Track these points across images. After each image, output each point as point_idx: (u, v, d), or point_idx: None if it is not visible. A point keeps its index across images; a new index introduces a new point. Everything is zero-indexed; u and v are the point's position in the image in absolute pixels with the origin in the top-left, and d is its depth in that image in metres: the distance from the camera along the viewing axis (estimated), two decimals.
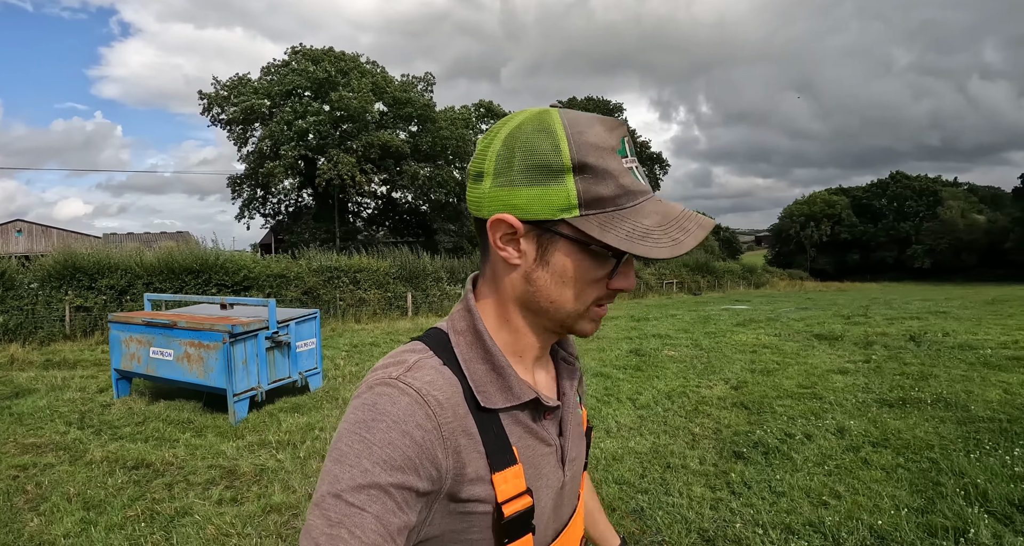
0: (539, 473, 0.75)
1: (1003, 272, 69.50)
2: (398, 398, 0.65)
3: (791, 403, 6.12)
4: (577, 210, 0.67)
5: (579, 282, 0.70)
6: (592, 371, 8.03)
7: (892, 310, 17.03)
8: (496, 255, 0.72)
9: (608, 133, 0.69)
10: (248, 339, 6.36)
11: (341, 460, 0.61)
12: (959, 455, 4.34)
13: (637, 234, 0.66)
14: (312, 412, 6.35)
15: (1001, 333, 10.64)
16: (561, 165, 0.66)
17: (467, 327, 0.74)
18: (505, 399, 0.72)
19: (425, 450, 0.63)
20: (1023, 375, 7.04)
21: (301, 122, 24.28)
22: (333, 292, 16.51)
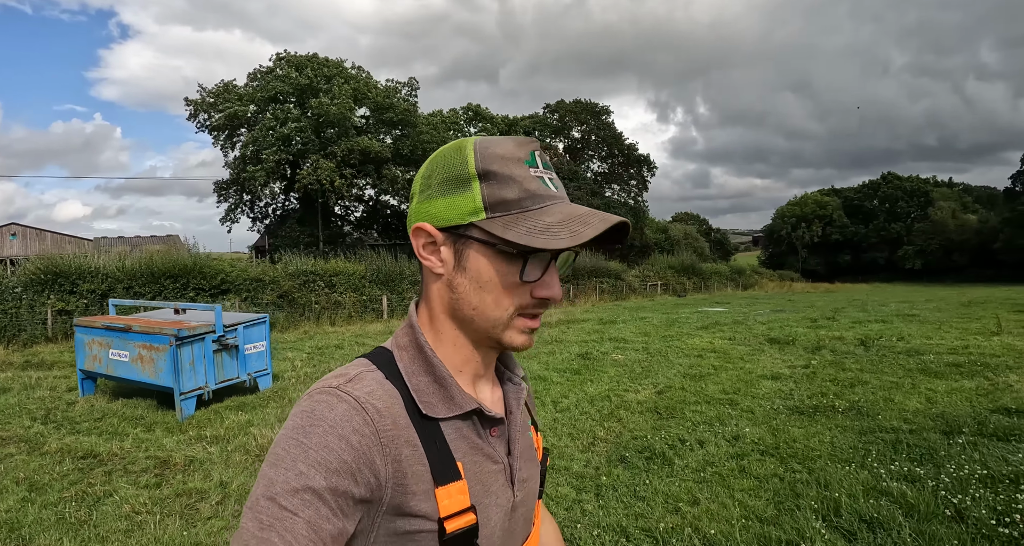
0: (487, 490, 0.75)
1: (993, 272, 69.26)
2: (336, 405, 0.66)
3: (704, 409, 6.31)
4: (484, 213, 0.70)
5: (495, 286, 0.72)
6: (533, 374, 8.51)
7: (864, 313, 17.37)
8: (425, 269, 0.77)
9: (517, 147, 0.73)
10: (195, 342, 6.91)
11: (276, 464, 0.62)
12: (837, 467, 4.36)
13: (537, 230, 0.69)
14: (255, 410, 6.87)
15: (956, 338, 10.89)
16: (468, 174, 0.71)
17: (409, 342, 0.76)
18: (447, 409, 0.73)
19: (362, 455, 0.63)
20: (955, 382, 7.16)
21: (282, 128, 24.91)
22: (308, 295, 17.05)
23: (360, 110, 29.62)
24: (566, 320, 16.90)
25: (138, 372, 7.08)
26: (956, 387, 6.93)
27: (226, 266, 17.08)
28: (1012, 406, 5.83)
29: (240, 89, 27.83)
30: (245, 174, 25.54)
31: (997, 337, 10.79)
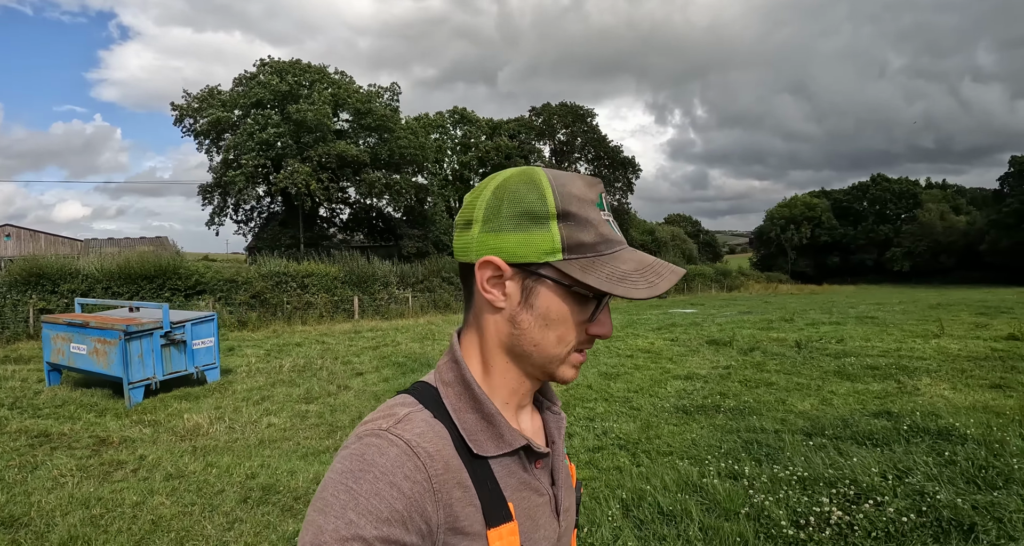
0: (536, 525, 0.75)
1: (979, 274, 69.15)
2: (387, 449, 0.64)
3: (595, 405, 6.61)
4: (561, 254, 0.70)
5: (561, 324, 0.72)
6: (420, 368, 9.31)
7: (826, 314, 17.70)
8: (481, 299, 0.75)
9: (588, 188, 0.74)
10: (143, 337, 7.66)
11: (325, 510, 0.61)
12: (675, 461, 4.53)
13: (616, 277, 0.69)
14: (197, 400, 7.60)
15: (895, 340, 11.05)
16: (547, 212, 0.70)
17: (455, 378, 0.75)
18: (497, 447, 0.72)
19: (414, 503, 0.63)
20: (863, 385, 7.25)
21: (262, 133, 25.75)
22: (280, 296, 17.79)
23: (341, 115, 30.46)
24: None
25: (94, 364, 7.83)
26: (860, 390, 7.03)
27: (200, 267, 17.83)
28: (895, 410, 5.87)
29: (224, 94, 28.67)
30: (226, 178, 26.40)
31: (937, 340, 10.93)
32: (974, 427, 5.01)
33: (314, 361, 10.20)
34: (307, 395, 7.53)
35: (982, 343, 10.31)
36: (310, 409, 6.79)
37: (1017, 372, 7.61)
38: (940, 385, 7.08)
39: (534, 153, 45.55)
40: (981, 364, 8.30)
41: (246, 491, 4.08)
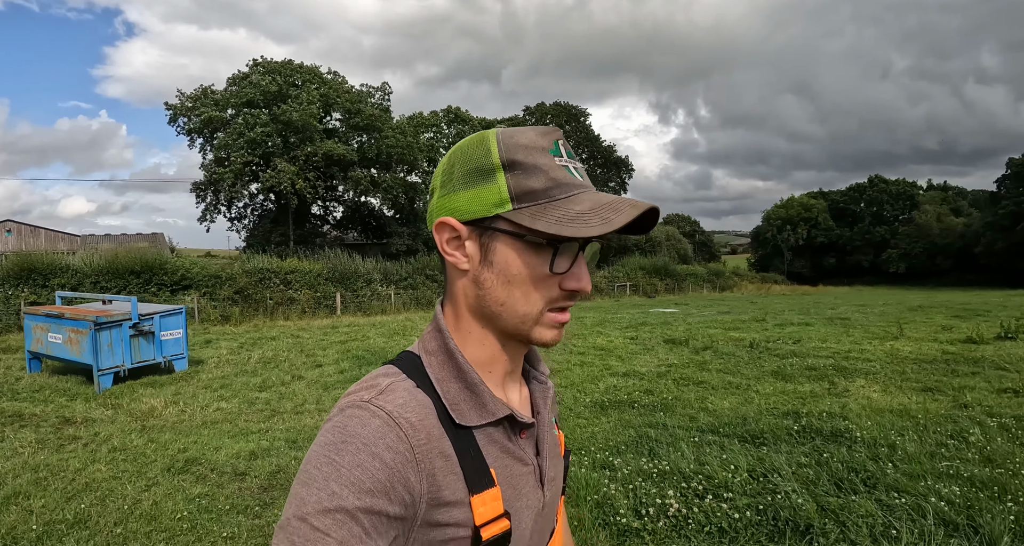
0: (518, 493, 0.75)
1: (975, 276, 69.12)
2: (368, 420, 0.64)
3: None
4: (510, 204, 0.69)
5: (524, 280, 0.70)
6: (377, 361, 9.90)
7: (802, 315, 17.83)
8: (449, 265, 0.75)
9: (540, 136, 0.72)
10: (113, 327, 8.26)
11: (308, 482, 0.61)
12: None
13: (567, 219, 0.67)
14: (162, 387, 8.17)
15: (851, 341, 11.13)
16: (492, 165, 0.69)
17: (438, 347, 0.74)
18: (479, 416, 0.72)
19: (396, 473, 0.62)
20: (793, 385, 7.32)
21: (250, 133, 26.44)
22: (263, 292, 18.43)
23: (333, 114, 31.11)
24: None
25: (68, 352, 8.43)
26: (788, 390, 7.10)
27: (187, 263, 18.46)
28: (804, 411, 5.90)
29: (218, 94, 29.34)
30: (215, 176, 27.10)
31: (893, 341, 10.93)
32: (869, 430, 5.03)
33: (281, 354, 10.79)
34: (262, 384, 8.12)
35: (937, 345, 10.30)
36: (260, 396, 7.37)
37: (956, 375, 7.60)
38: (872, 387, 7.10)
39: None
40: (925, 367, 8.30)
41: (172, 462, 4.66)
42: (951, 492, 3.58)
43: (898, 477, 3.89)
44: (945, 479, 3.84)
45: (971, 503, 3.43)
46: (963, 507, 3.39)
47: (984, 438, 4.74)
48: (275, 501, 3.75)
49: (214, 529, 3.31)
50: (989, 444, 4.57)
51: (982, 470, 3.97)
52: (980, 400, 6.19)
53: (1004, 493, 3.56)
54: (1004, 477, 3.79)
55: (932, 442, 4.76)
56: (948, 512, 3.33)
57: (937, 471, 4.00)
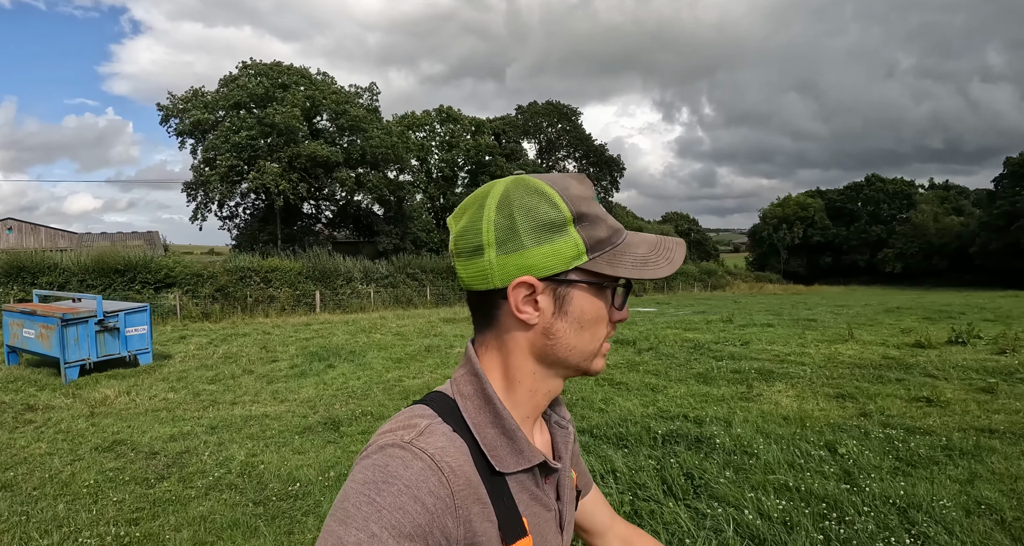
0: (544, 540, 0.77)
1: (971, 277, 68.86)
2: (411, 462, 0.65)
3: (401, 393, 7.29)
4: (586, 255, 0.72)
5: (595, 322, 0.74)
6: (367, 360, 10.59)
7: (772, 316, 17.83)
8: (510, 320, 0.74)
9: (583, 186, 0.75)
10: (79, 324, 8.96)
11: (347, 521, 0.61)
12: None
13: (639, 262, 0.73)
14: (125, 379, 8.81)
15: (798, 344, 11.04)
16: (563, 219, 0.71)
17: (475, 391, 0.75)
18: (516, 462, 0.73)
19: (436, 518, 0.63)
20: (708, 388, 7.35)
21: (235, 135, 27.26)
22: (243, 290, 19.15)
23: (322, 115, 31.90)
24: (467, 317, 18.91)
25: (40, 346, 9.15)
26: (700, 392, 7.12)
27: (170, 262, 19.18)
28: (692, 415, 5.93)
29: (208, 96, 30.12)
30: (202, 177, 27.93)
31: (841, 345, 10.85)
32: (738, 438, 4.99)
33: (244, 349, 11.49)
34: (214, 377, 8.80)
35: (882, 350, 10.12)
36: (208, 388, 8.05)
37: (880, 382, 7.49)
38: (787, 392, 7.04)
39: (517, 152, 46.79)
40: (855, 371, 8.18)
41: (103, 442, 5.34)
42: (773, 505, 3.58)
43: (728, 486, 3.89)
44: (776, 492, 3.84)
45: (790, 519, 3.43)
46: (780, 522, 3.40)
47: (856, 451, 4.65)
48: (171, 475, 4.43)
49: (109, 495, 3.98)
50: (857, 458, 4.51)
51: (828, 484, 3.96)
52: (885, 409, 6.08)
53: (833, 511, 3.57)
54: (844, 494, 3.78)
55: (799, 452, 4.68)
56: (759, 526, 3.34)
57: (775, 483, 3.97)
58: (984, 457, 4.51)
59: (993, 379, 7.26)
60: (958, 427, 5.32)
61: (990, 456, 4.52)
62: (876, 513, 3.53)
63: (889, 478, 4.11)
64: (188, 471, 4.42)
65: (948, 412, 5.92)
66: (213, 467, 4.46)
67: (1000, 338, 10.40)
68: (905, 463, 4.46)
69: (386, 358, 10.18)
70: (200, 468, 4.46)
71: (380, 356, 10.38)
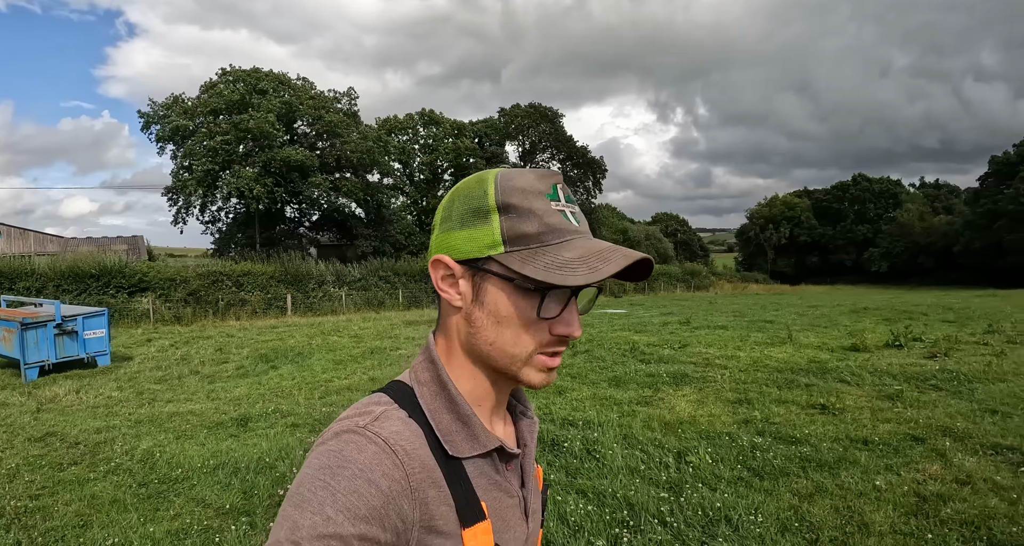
0: (507, 525, 0.77)
1: (957, 275, 69.14)
2: (365, 446, 0.66)
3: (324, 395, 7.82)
4: (502, 246, 0.70)
5: (513, 322, 0.72)
6: (310, 362, 11.30)
7: (732, 318, 17.73)
8: (443, 301, 0.77)
9: (538, 180, 0.73)
10: (38, 327, 9.65)
11: (302, 506, 0.61)
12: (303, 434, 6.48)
13: (555, 265, 0.68)
14: (80, 379, 9.44)
15: (735, 347, 10.96)
16: (487, 206, 0.72)
17: (431, 378, 0.77)
18: (471, 447, 0.74)
19: (391, 501, 0.63)
20: (615, 391, 7.37)
21: (211, 141, 28.07)
22: (215, 293, 19.86)
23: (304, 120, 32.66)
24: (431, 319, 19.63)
25: (3, 348, 9.87)
26: (602, 395, 7.17)
27: (144, 267, 19.89)
28: (573, 418, 6.07)
29: (187, 103, 30.89)
30: (180, 182, 28.72)
31: (777, 347, 10.74)
32: (590, 442, 5.13)
33: (201, 352, 12.18)
34: (162, 377, 9.50)
35: (813, 352, 10.01)
36: (152, 387, 8.74)
37: (789, 388, 7.38)
38: (690, 397, 7.04)
39: (499, 155, 47.50)
40: (773, 375, 8.10)
41: (37, 433, 6.03)
42: (576, 509, 3.75)
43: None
44: (588, 497, 3.98)
45: (584, 523, 3.58)
46: (575, 525, 3.57)
47: (707, 459, 4.68)
48: (83, 461, 5.13)
49: (24, 476, 4.66)
50: (700, 466, 4.55)
51: (650, 491, 4.03)
52: (771, 416, 6.02)
53: (632, 519, 3.66)
54: (655, 503, 3.87)
55: (646, 458, 4.76)
56: (549, 527, 3.50)
57: (595, 488, 4.11)
58: (841, 470, 4.43)
59: (903, 385, 7.15)
60: (835, 437, 5.24)
61: (848, 469, 4.44)
62: (681, 525, 3.55)
63: (724, 488, 4.10)
64: (97, 458, 5.12)
65: (836, 420, 5.81)
66: (119, 455, 5.15)
67: (940, 341, 10.31)
68: (754, 474, 4.42)
69: (330, 360, 10.85)
70: (108, 456, 5.15)
71: (325, 358, 11.07)
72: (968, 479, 4.13)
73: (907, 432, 5.30)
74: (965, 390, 6.88)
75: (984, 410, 5.97)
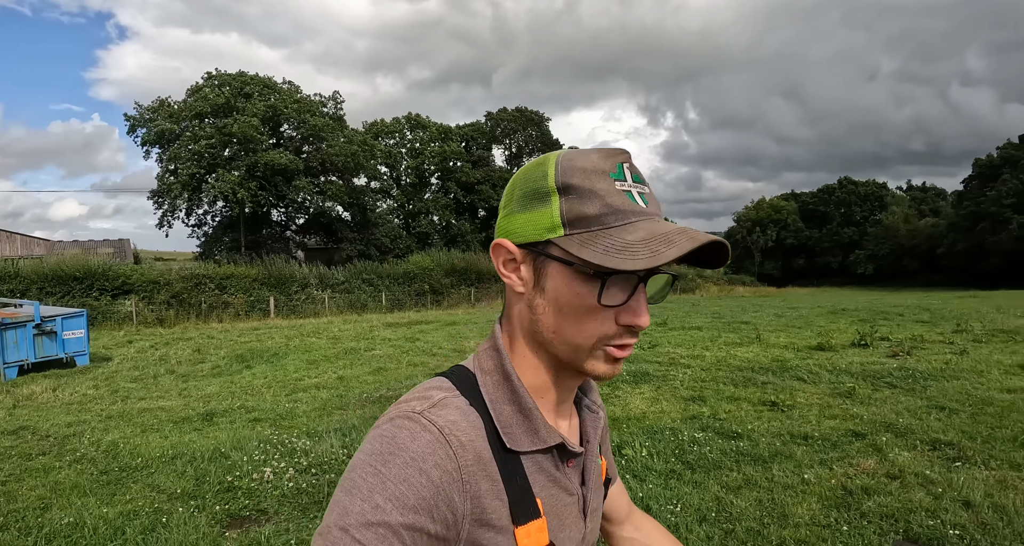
0: (562, 524, 0.75)
1: (942, 277, 69.87)
2: (419, 434, 0.65)
3: (257, 397, 8.24)
4: (562, 229, 0.67)
5: (574, 309, 0.68)
6: (284, 362, 11.60)
7: (711, 319, 17.87)
8: (507, 288, 0.74)
9: (602, 159, 0.69)
10: (17, 328, 9.92)
11: (352, 492, 0.61)
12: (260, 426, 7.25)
13: (615, 249, 0.64)
14: (59, 378, 9.68)
15: (701, 348, 10.87)
16: (547, 188, 0.68)
17: (495, 367, 0.75)
18: (531, 442, 0.72)
19: (442, 491, 0.63)
20: None
21: (195, 145, 28.35)
22: (198, 296, 20.12)
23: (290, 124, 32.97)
24: (411, 321, 19.98)
25: None
26: None
27: (127, 270, 20.11)
28: None
29: (173, 106, 31.17)
30: (165, 185, 28.99)
31: (744, 348, 10.78)
32: None
33: (179, 353, 12.47)
34: (138, 377, 9.79)
35: (778, 352, 10.08)
36: (127, 386, 9.02)
37: (746, 386, 7.48)
38: (647, 394, 7.11)
39: (485, 159, 47.91)
40: (731, 374, 8.20)
41: (10, 427, 6.29)
42: None
43: None
44: None
45: None
46: None
47: (645, 452, 4.79)
48: (51, 451, 5.43)
49: None
50: (635, 459, 4.67)
51: None
52: (719, 412, 6.09)
53: None
54: None
55: None
56: None
57: None
58: (774, 464, 4.49)
59: (856, 383, 7.24)
60: (777, 432, 5.28)
61: (782, 463, 4.51)
62: None
63: (653, 480, 4.23)
64: (65, 449, 5.41)
65: (783, 417, 5.87)
66: (86, 446, 5.44)
67: (905, 341, 10.54)
68: (687, 466, 4.51)
69: (304, 360, 11.17)
70: (75, 447, 5.44)
71: (299, 358, 11.38)
72: (899, 474, 4.22)
73: (849, 428, 5.37)
74: (919, 387, 6.97)
75: (932, 407, 6.04)
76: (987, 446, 4.74)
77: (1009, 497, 3.71)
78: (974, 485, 3.92)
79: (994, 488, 3.88)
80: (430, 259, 28.38)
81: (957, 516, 3.51)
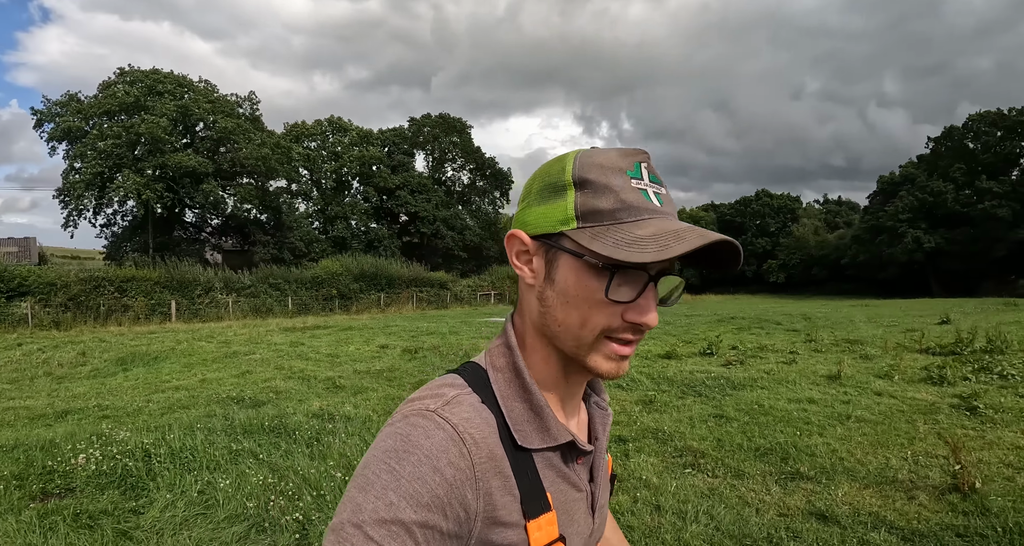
0: (571, 519, 0.77)
1: (850, 286, 73.67)
2: (433, 432, 0.66)
3: (162, 395, 10.24)
4: (574, 222, 0.69)
5: (581, 301, 0.69)
6: (162, 365, 12.41)
7: None
8: (520, 281, 0.76)
9: (621, 157, 0.71)
10: None
11: (366, 488, 0.62)
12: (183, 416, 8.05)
13: (624, 242, 0.65)
14: None
15: None
16: (564, 182, 0.70)
17: (506, 364, 0.76)
18: (542, 440, 0.73)
19: (455, 490, 0.64)
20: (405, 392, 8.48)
21: (100, 144, 28.38)
22: (96, 299, 20.44)
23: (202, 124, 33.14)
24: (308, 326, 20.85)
25: None
26: (385, 396, 7.66)
27: (24, 271, 20.26)
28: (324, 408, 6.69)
29: (82, 102, 30.93)
30: (66, 183, 28.89)
31: None
32: (314, 430, 5.81)
33: (61, 355, 13.06)
34: (16, 378, 10.46)
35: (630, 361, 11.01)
36: (2, 387, 9.79)
37: None
38: None
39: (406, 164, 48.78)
40: None
41: None
42: (250, 491, 4.31)
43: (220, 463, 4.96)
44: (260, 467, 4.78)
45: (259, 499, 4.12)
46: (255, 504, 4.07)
47: None
48: None
49: None
50: None
51: None
52: None
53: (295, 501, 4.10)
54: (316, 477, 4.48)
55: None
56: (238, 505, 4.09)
57: None
58: None
59: (661, 392, 7.53)
60: None
61: None
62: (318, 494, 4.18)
63: None
64: None
65: None
66: None
67: (749, 350, 11.08)
68: None
69: (181, 364, 11.96)
70: None
71: (178, 362, 12.16)
72: (626, 477, 4.48)
73: (616, 434, 5.64)
74: (719, 396, 7.25)
75: (714, 415, 6.29)
76: (728, 454, 5.02)
77: (703, 504, 4.04)
78: (681, 491, 4.26)
79: (696, 495, 4.19)
80: (339, 264, 29.12)
81: (645, 519, 3.84)
